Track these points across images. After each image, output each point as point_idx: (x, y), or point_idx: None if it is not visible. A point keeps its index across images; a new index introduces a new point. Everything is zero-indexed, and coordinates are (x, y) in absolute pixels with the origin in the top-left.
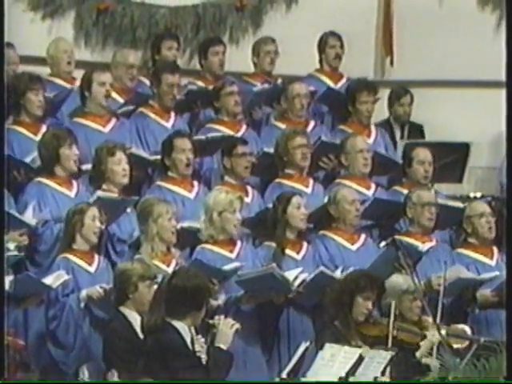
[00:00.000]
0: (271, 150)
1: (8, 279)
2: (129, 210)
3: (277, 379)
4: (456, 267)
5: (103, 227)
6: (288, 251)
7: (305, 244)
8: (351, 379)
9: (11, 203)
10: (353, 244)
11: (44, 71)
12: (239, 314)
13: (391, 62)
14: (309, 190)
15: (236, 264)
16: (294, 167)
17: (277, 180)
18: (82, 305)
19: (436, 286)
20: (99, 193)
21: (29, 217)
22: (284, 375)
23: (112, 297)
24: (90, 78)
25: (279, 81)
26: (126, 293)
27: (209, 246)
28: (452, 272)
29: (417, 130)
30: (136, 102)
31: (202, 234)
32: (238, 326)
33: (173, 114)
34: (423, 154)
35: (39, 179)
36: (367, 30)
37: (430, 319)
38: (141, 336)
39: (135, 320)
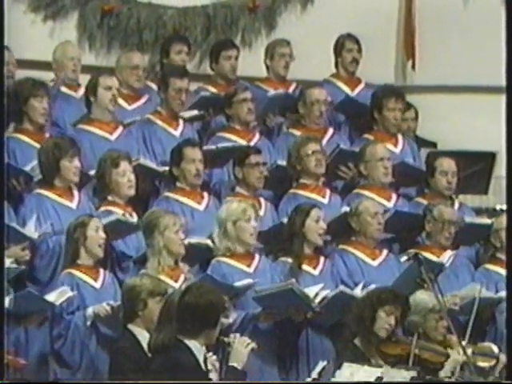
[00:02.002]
0: (285, 163)
1: (8, 296)
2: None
3: None
4: (472, 286)
5: (108, 240)
6: (305, 266)
7: (322, 259)
8: None
9: (11, 216)
10: (374, 259)
11: (45, 76)
12: (256, 332)
13: (413, 67)
14: (325, 201)
15: (249, 280)
16: (309, 176)
17: (291, 191)
18: (89, 323)
19: (452, 304)
20: (108, 207)
21: (30, 230)
22: None
23: (120, 314)
24: (96, 83)
25: (293, 86)
26: (135, 310)
27: (225, 259)
28: (469, 291)
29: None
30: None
31: (217, 247)
32: (253, 344)
33: (181, 122)
34: (447, 164)
35: (38, 191)
36: (387, 32)
37: (455, 338)
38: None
39: (144, 338)
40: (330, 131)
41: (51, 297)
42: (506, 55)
